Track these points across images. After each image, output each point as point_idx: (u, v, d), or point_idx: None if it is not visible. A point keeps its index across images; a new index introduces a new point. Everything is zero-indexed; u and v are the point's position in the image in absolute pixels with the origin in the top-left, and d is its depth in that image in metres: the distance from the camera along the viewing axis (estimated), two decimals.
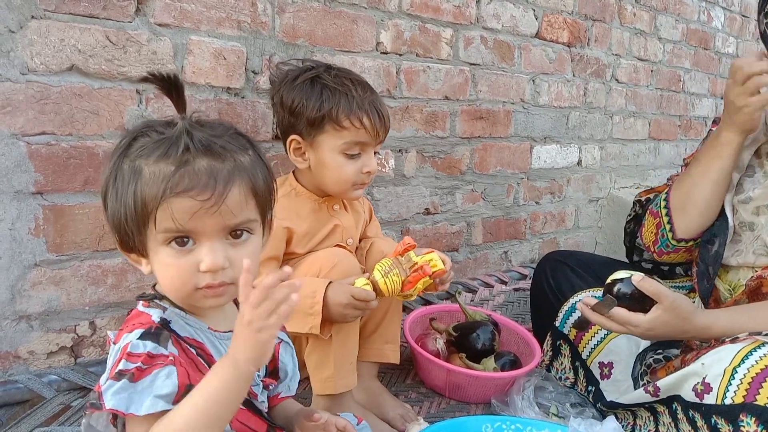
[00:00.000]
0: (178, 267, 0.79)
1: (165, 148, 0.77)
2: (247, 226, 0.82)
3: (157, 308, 0.84)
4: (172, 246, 0.78)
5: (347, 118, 1.28)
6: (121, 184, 0.79)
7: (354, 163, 1.32)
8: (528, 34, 2.31)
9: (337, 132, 1.29)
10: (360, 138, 1.30)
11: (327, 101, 1.28)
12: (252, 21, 1.54)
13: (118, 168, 0.79)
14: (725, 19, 3.51)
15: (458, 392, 1.47)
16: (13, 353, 1.31)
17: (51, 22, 1.25)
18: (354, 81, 1.33)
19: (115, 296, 1.42)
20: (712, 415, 1.07)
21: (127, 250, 0.84)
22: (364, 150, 1.32)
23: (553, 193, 2.61)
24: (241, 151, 0.82)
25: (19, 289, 1.29)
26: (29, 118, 1.25)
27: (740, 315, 1.23)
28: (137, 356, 0.75)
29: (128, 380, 0.74)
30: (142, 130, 0.81)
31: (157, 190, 0.76)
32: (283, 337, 1.02)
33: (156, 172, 0.76)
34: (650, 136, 3.12)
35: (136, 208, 0.77)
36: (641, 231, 1.48)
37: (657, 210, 1.43)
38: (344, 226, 1.42)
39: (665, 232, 1.40)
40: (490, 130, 2.25)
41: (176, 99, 0.83)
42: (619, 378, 1.42)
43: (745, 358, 1.04)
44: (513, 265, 2.50)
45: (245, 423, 0.90)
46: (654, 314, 1.18)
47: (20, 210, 1.27)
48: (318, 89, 1.30)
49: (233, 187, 0.78)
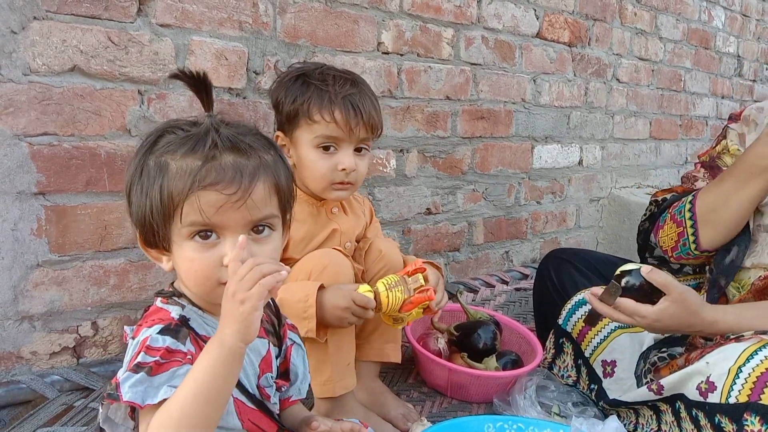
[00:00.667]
0: (201, 261, 0.80)
1: (192, 144, 0.79)
2: (269, 221, 0.83)
3: (176, 305, 0.84)
4: (195, 240, 0.80)
5: (318, 112, 1.26)
6: (147, 179, 0.80)
7: (328, 159, 1.29)
8: (529, 34, 2.31)
9: (309, 126, 1.28)
10: (331, 132, 1.27)
11: (301, 95, 1.27)
12: (253, 21, 1.54)
13: (144, 164, 0.81)
14: (726, 18, 3.51)
15: (460, 392, 1.47)
16: (15, 354, 1.31)
17: (53, 23, 1.25)
18: (337, 77, 1.31)
19: (117, 297, 1.42)
20: (716, 413, 1.07)
21: (149, 247, 0.85)
22: (339, 146, 1.29)
23: (555, 192, 2.61)
24: (264, 150, 0.84)
25: (22, 290, 1.29)
26: (31, 118, 1.25)
27: (748, 312, 1.22)
28: (156, 350, 0.76)
29: (146, 373, 0.74)
30: (168, 129, 0.83)
31: (183, 184, 0.77)
32: (295, 339, 1.01)
33: (183, 166, 0.78)
34: (651, 136, 3.12)
35: (162, 201, 0.78)
36: (657, 233, 1.46)
37: (681, 219, 1.39)
38: (342, 231, 1.39)
39: (688, 242, 1.37)
40: (491, 129, 2.25)
41: (205, 97, 0.85)
42: (622, 376, 1.42)
43: (750, 358, 1.04)
44: (514, 264, 2.50)
45: (257, 423, 0.90)
46: (662, 306, 1.18)
47: (23, 210, 1.27)
48: (297, 85, 1.30)
49: (258, 182, 0.80)
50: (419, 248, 2.10)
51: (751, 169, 1.27)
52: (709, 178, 1.47)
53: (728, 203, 1.30)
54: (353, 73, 1.37)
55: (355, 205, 1.48)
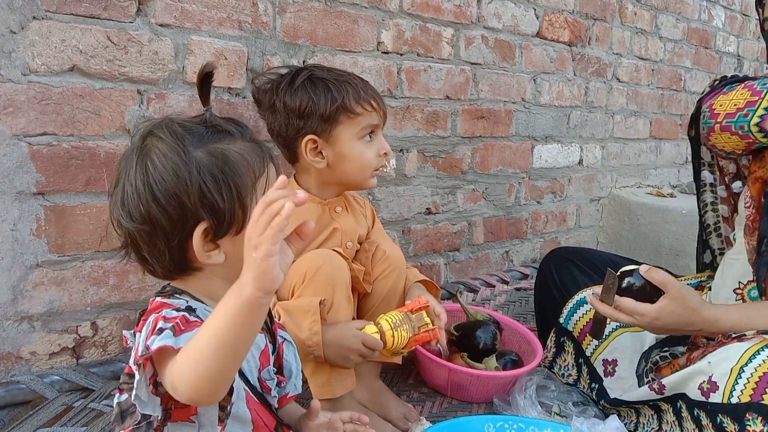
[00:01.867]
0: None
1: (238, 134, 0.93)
2: None
3: (178, 300, 0.84)
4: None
5: (359, 104, 1.31)
6: (216, 170, 0.85)
7: (371, 147, 1.36)
8: (529, 34, 2.31)
9: (351, 120, 1.32)
10: (373, 120, 1.34)
11: (336, 93, 1.31)
12: (253, 21, 1.54)
13: (195, 158, 0.87)
14: (726, 18, 3.51)
15: (460, 392, 1.47)
16: (15, 354, 1.31)
17: (52, 23, 1.25)
18: (347, 72, 1.38)
19: (117, 297, 1.42)
20: (718, 414, 1.06)
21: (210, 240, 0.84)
22: (375, 133, 1.37)
23: (555, 192, 2.61)
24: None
25: (21, 290, 1.29)
26: (31, 118, 1.25)
27: (749, 311, 1.22)
28: (172, 318, 0.76)
29: (171, 332, 0.73)
30: (179, 123, 0.92)
31: (258, 163, 0.87)
32: (286, 336, 1.02)
33: (244, 149, 0.89)
34: (651, 136, 3.12)
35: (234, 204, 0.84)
36: (712, 98, 1.32)
37: (762, 89, 1.22)
38: (344, 230, 1.40)
39: (752, 113, 1.21)
40: (491, 129, 2.24)
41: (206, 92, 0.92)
42: (623, 375, 1.42)
43: (753, 358, 1.04)
44: (514, 264, 2.50)
45: (260, 415, 0.90)
46: (661, 304, 1.18)
47: (22, 211, 1.27)
48: (321, 86, 1.31)
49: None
50: (419, 248, 2.10)
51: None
52: None
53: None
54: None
55: (356, 206, 1.48)
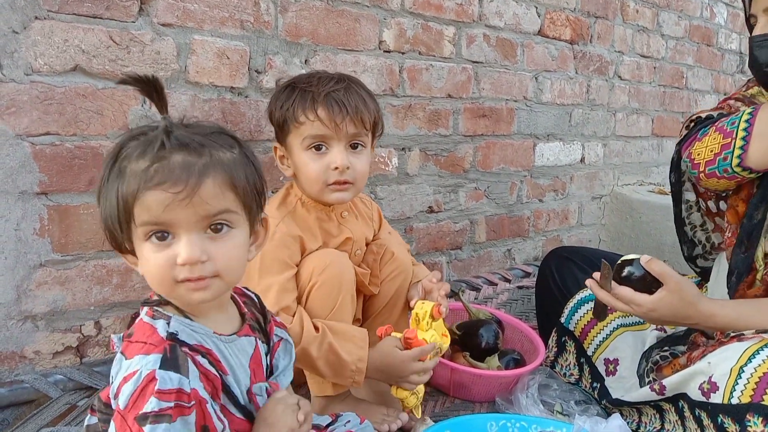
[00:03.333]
0: (156, 260, 0.80)
1: (143, 147, 0.79)
2: (225, 218, 0.82)
3: (161, 318, 0.83)
4: (152, 241, 0.80)
5: (303, 113, 1.24)
6: (108, 186, 0.81)
7: (320, 160, 1.26)
8: (530, 32, 2.31)
9: (297, 129, 1.26)
10: (318, 131, 1.24)
11: (287, 101, 1.27)
12: (255, 20, 1.54)
13: (109, 172, 0.81)
14: (728, 15, 3.50)
15: (462, 391, 1.47)
16: (18, 353, 1.31)
17: (54, 23, 1.25)
18: (323, 78, 1.29)
19: (120, 296, 1.42)
20: (719, 414, 1.07)
21: (121, 252, 0.85)
22: (329, 145, 1.26)
23: (557, 190, 2.61)
24: (222, 149, 0.83)
25: (25, 290, 1.29)
26: (33, 118, 1.25)
27: (746, 308, 1.21)
28: (168, 393, 0.75)
29: (168, 423, 0.74)
30: (131, 136, 0.83)
31: (134, 186, 0.78)
32: (283, 335, 1.02)
33: (135, 169, 0.78)
34: (653, 133, 3.12)
35: (118, 205, 0.79)
36: (690, 146, 1.34)
37: (731, 129, 1.24)
38: (355, 239, 1.38)
39: (730, 156, 1.23)
40: (493, 127, 2.24)
41: (157, 100, 0.84)
42: (625, 375, 1.42)
43: (752, 358, 1.04)
44: (516, 263, 2.50)
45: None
46: (659, 295, 1.18)
47: (25, 210, 1.27)
48: (285, 93, 1.29)
49: (206, 179, 0.79)
50: (421, 247, 2.10)
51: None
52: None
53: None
54: (342, 73, 1.34)
55: (362, 208, 1.47)
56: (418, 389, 1.26)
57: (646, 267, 1.19)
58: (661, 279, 1.18)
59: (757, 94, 1.42)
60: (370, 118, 1.30)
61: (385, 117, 1.88)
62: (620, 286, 1.22)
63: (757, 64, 1.24)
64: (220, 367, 0.86)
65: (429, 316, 1.26)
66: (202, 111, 1.46)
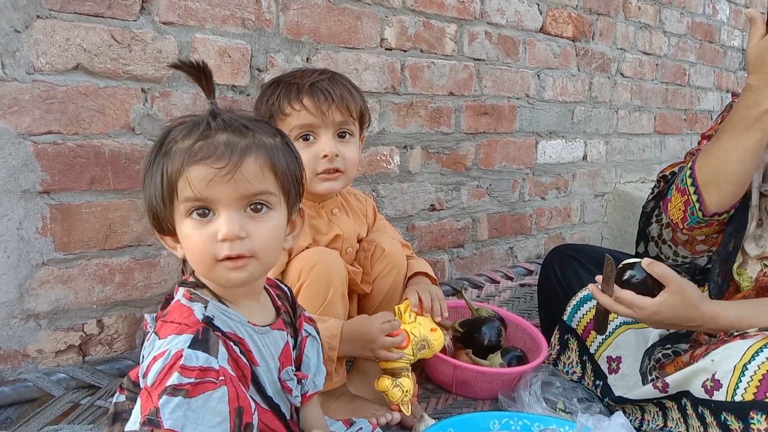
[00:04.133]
0: (198, 236, 0.82)
1: (189, 128, 0.83)
2: (265, 198, 0.84)
3: (199, 301, 0.85)
4: (193, 217, 0.82)
5: (288, 104, 1.25)
6: (154, 167, 0.83)
7: (309, 149, 1.26)
8: (532, 29, 2.31)
9: (283, 121, 1.26)
10: (304, 120, 1.25)
11: (272, 95, 1.28)
12: (256, 18, 1.54)
13: (155, 156, 0.84)
14: (730, 12, 3.49)
15: (465, 388, 1.47)
16: (21, 352, 1.32)
17: (56, 22, 1.25)
18: (306, 71, 1.30)
19: (123, 294, 1.42)
20: (722, 411, 1.06)
21: (162, 234, 0.87)
22: (317, 134, 1.27)
23: (559, 188, 2.61)
24: (265, 134, 0.86)
25: (27, 288, 1.29)
26: (35, 117, 1.25)
27: (749, 308, 1.21)
28: (191, 370, 0.76)
29: (183, 397, 0.74)
30: (178, 122, 0.86)
31: (179, 162, 0.80)
32: (311, 331, 1.02)
33: (180, 147, 0.81)
34: (656, 131, 3.11)
35: (163, 183, 0.82)
36: (667, 207, 1.41)
37: (684, 187, 1.33)
38: (345, 236, 1.37)
39: (695, 210, 1.31)
40: (495, 125, 2.24)
41: (205, 85, 0.86)
42: (627, 372, 1.42)
43: (756, 355, 1.04)
44: (519, 260, 2.50)
45: (267, 424, 0.90)
46: (661, 298, 1.17)
47: (27, 209, 1.27)
48: (270, 88, 1.30)
49: (248, 157, 0.82)
50: (423, 245, 2.10)
51: (744, 120, 1.22)
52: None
53: (728, 160, 1.25)
54: (326, 68, 1.35)
55: (355, 205, 1.46)
56: (402, 382, 1.24)
57: (648, 270, 1.19)
58: (663, 281, 1.17)
59: None
60: (356, 107, 1.30)
61: (387, 115, 1.88)
62: (622, 289, 1.21)
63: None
64: (251, 357, 0.87)
65: (410, 309, 1.28)
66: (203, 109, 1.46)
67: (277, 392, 0.92)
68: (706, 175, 1.29)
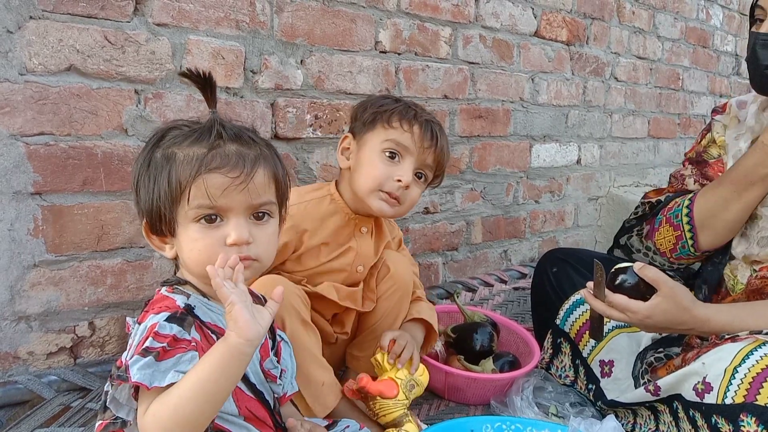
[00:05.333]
0: (205, 241, 0.86)
1: (198, 135, 0.87)
2: (268, 208, 0.90)
3: (181, 294, 0.88)
4: (201, 223, 0.86)
5: (399, 120, 1.28)
6: (155, 169, 0.86)
7: (390, 166, 1.27)
8: (527, 33, 2.31)
9: (384, 130, 1.28)
10: (403, 140, 1.27)
11: (387, 105, 1.31)
12: (250, 20, 1.54)
13: (151, 157, 0.87)
14: (724, 17, 3.51)
15: (457, 394, 1.47)
16: (12, 354, 1.31)
17: (49, 23, 1.25)
18: (423, 109, 1.35)
19: (115, 297, 1.42)
20: (713, 414, 1.07)
21: (153, 234, 0.90)
22: (403, 158, 1.28)
23: (553, 191, 2.61)
24: (265, 145, 0.93)
25: (19, 290, 1.29)
26: (28, 118, 1.25)
27: (741, 310, 1.22)
28: (163, 337, 0.79)
29: (154, 358, 0.77)
30: (172, 126, 0.89)
31: (191, 169, 0.84)
32: (283, 336, 1.05)
33: (190, 154, 0.85)
34: (649, 135, 3.12)
35: (170, 187, 0.84)
36: (653, 236, 1.45)
37: (678, 223, 1.39)
38: (359, 253, 1.35)
39: (687, 245, 1.37)
40: (489, 129, 2.24)
41: (209, 95, 0.91)
42: (620, 376, 1.42)
43: (746, 358, 1.04)
44: (512, 264, 2.50)
45: (253, 411, 0.92)
46: (653, 302, 1.17)
47: (19, 211, 1.27)
48: (390, 100, 1.34)
49: (259, 168, 0.87)
50: (417, 248, 2.10)
51: (750, 177, 1.27)
52: (697, 174, 1.46)
53: (728, 209, 1.30)
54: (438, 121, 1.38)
55: (385, 233, 1.43)
56: (408, 429, 1.20)
57: (639, 274, 1.19)
58: (655, 285, 1.18)
59: (707, 146, 1.47)
60: (444, 163, 1.35)
61: None
62: (614, 294, 1.21)
63: (756, 63, 1.25)
64: None
65: (386, 357, 1.25)
66: (197, 111, 1.46)
67: (261, 382, 0.96)
68: (704, 218, 1.34)
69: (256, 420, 0.93)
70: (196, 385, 0.76)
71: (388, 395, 1.21)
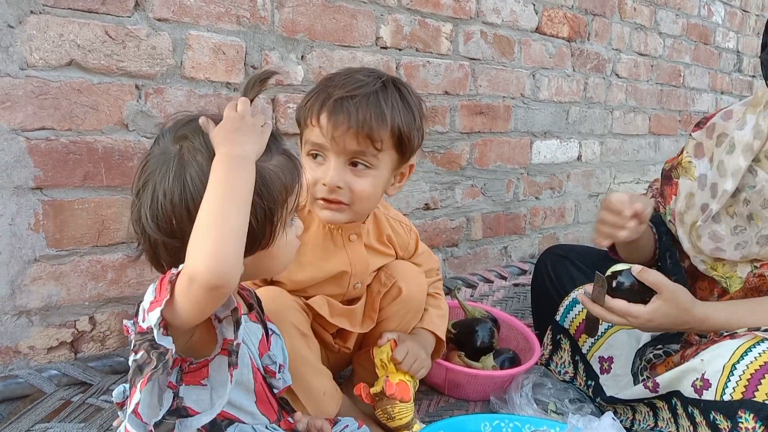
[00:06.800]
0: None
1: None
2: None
3: None
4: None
5: (309, 116, 1.12)
6: (173, 171, 0.83)
7: (314, 170, 1.12)
8: (528, 29, 2.31)
9: (303, 131, 1.16)
10: (316, 138, 1.10)
11: (304, 99, 1.16)
12: (251, 16, 1.54)
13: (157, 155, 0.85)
14: (725, 13, 3.50)
15: (457, 390, 1.47)
16: (13, 348, 1.31)
17: (50, 17, 1.24)
18: (352, 77, 1.13)
19: (115, 291, 1.42)
20: (711, 411, 1.07)
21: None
22: (326, 156, 1.11)
23: (553, 188, 2.61)
24: None
25: (19, 285, 1.29)
26: (28, 113, 1.25)
27: (739, 308, 1.22)
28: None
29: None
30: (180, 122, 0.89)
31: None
32: (274, 329, 1.03)
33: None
34: (650, 131, 3.12)
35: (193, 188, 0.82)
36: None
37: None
38: (354, 272, 1.22)
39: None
40: (490, 125, 2.24)
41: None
42: (619, 373, 1.43)
43: (744, 355, 1.04)
44: (513, 260, 2.50)
45: (263, 387, 0.93)
46: (654, 305, 1.17)
47: (20, 205, 1.27)
48: (314, 88, 1.17)
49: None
50: None
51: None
52: (657, 191, 1.49)
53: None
54: (383, 74, 1.17)
55: (393, 234, 1.31)
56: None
57: (639, 277, 1.18)
58: (655, 288, 1.17)
59: (676, 165, 1.45)
60: (385, 136, 1.10)
61: None
62: (613, 299, 1.20)
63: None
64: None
65: (390, 360, 1.21)
66: (197, 107, 1.46)
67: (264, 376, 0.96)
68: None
69: (266, 403, 0.93)
70: (211, 210, 0.75)
71: (406, 399, 1.19)
